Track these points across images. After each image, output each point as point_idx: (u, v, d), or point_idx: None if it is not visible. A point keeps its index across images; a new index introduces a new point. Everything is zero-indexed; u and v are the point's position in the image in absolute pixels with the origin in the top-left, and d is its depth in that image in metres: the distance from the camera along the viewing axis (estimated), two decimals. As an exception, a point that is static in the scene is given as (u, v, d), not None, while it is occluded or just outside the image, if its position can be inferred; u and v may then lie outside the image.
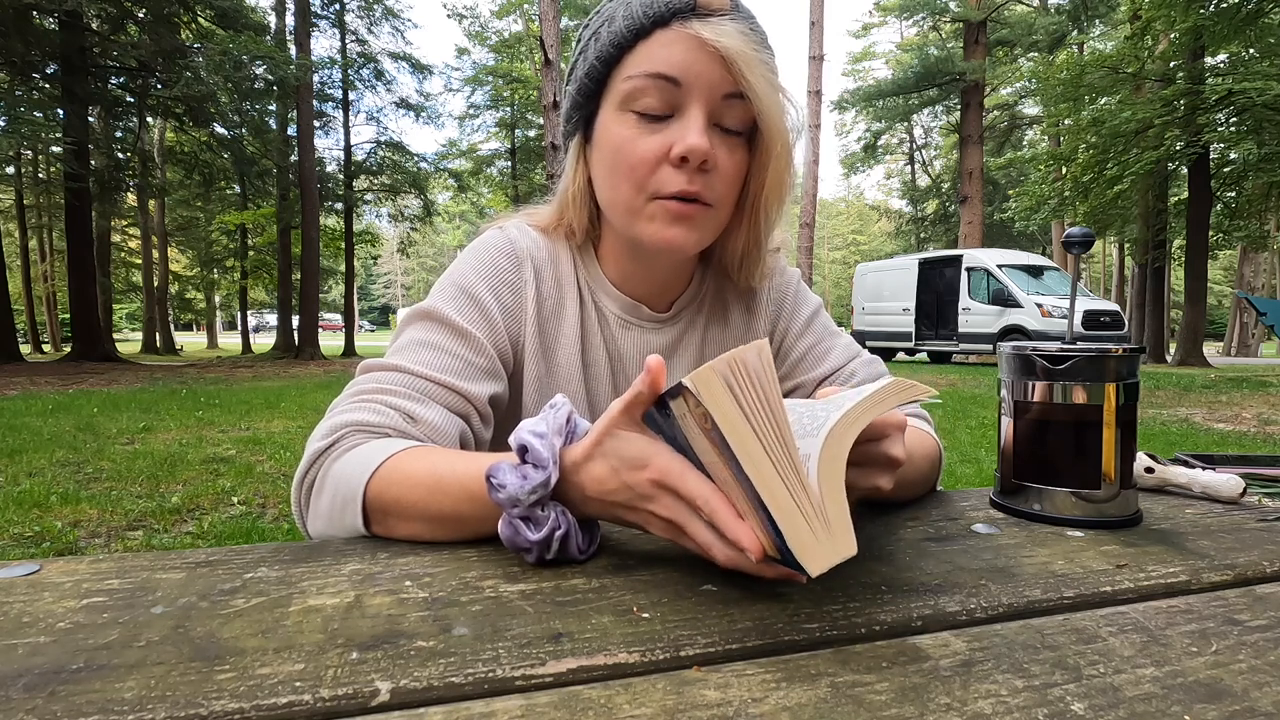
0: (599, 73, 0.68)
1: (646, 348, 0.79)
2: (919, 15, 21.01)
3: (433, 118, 27.86)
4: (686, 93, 0.64)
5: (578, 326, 0.76)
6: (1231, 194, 14.02)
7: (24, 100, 10.65)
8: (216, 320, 33.88)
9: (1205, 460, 0.82)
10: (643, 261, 0.76)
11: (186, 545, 2.48)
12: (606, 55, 0.66)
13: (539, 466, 0.46)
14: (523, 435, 0.47)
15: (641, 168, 0.66)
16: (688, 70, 0.63)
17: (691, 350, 0.81)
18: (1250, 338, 28.00)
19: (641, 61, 0.65)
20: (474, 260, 0.73)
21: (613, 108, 0.67)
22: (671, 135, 0.65)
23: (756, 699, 0.31)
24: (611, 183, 0.69)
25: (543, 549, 0.46)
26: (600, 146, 0.69)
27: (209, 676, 0.33)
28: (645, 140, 0.65)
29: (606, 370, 0.78)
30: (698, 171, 0.65)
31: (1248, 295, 3.63)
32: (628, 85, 0.65)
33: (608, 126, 0.68)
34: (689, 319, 0.81)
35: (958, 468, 3.61)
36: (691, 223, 0.67)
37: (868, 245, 47.79)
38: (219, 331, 36.54)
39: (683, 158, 0.64)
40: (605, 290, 0.78)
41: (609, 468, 0.45)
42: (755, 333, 0.83)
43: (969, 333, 13.16)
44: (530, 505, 0.46)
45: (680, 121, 0.65)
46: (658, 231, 0.67)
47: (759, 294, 0.84)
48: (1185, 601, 0.44)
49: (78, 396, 6.93)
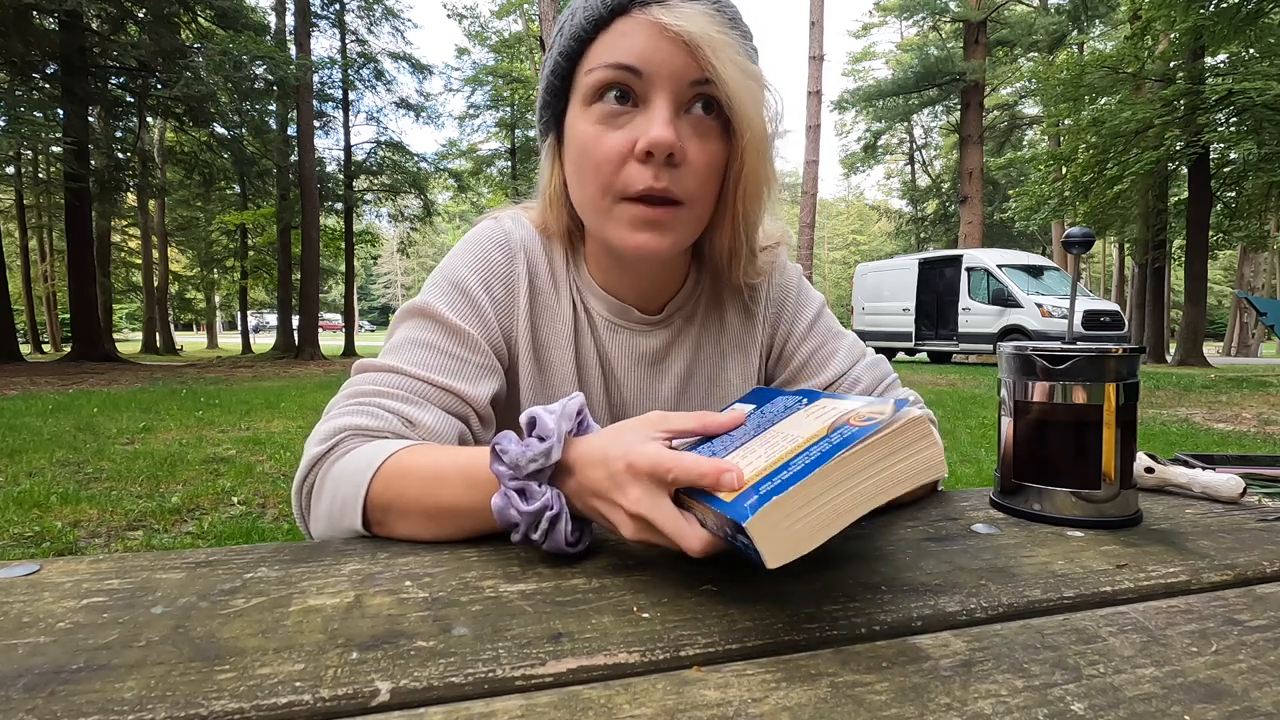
0: (563, 68, 0.65)
1: (635, 352, 0.76)
2: (919, 15, 21.01)
3: (433, 118, 27.87)
4: (649, 83, 0.61)
5: (571, 326, 0.74)
6: (1231, 194, 14.02)
7: (24, 100, 10.65)
8: (216, 320, 33.88)
9: (1205, 460, 0.82)
10: (625, 265, 0.73)
11: (186, 545, 2.48)
12: (568, 49, 0.64)
13: (543, 438, 0.46)
14: (533, 410, 0.48)
15: (606, 166, 0.62)
16: (649, 59, 0.60)
17: (685, 355, 0.78)
18: (1250, 338, 28.00)
19: (602, 53, 0.62)
20: (466, 253, 0.71)
21: (578, 104, 0.65)
22: (636, 129, 0.61)
23: (756, 699, 0.31)
24: (579, 182, 0.66)
25: (530, 525, 0.46)
26: (568, 146, 0.67)
27: (209, 676, 0.33)
28: (609, 137, 0.62)
29: (599, 375, 0.76)
30: (665, 166, 0.61)
31: (1248, 295, 3.63)
32: (589, 79, 0.62)
33: (574, 124, 0.65)
34: (682, 321, 0.78)
35: (958, 468, 3.60)
36: (661, 227, 0.63)
37: (868, 245, 47.78)
38: (219, 331, 36.55)
39: (648, 152, 0.60)
40: (592, 292, 0.75)
41: (601, 451, 0.46)
42: (753, 336, 0.80)
43: (969, 333, 13.15)
44: (527, 477, 0.46)
45: (644, 114, 0.61)
46: (625, 237, 0.64)
47: (758, 293, 0.81)
48: (1185, 601, 0.44)
49: (78, 396, 6.92)
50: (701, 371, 0.79)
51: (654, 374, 0.77)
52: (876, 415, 0.40)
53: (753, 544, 0.35)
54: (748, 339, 0.81)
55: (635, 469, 0.43)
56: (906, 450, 0.39)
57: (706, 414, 0.50)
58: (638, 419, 0.49)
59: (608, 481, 0.45)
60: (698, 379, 0.79)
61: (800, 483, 0.36)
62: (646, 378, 0.77)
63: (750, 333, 0.81)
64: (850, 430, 0.39)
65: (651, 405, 0.77)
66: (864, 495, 0.38)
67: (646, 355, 0.77)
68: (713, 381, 0.80)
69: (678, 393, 0.78)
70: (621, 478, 0.43)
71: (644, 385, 0.77)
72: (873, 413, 0.40)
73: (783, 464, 0.39)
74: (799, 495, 0.36)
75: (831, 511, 0.37)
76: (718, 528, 0.40)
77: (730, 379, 0.80)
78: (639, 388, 0.77)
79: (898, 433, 0.38)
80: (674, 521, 0.42)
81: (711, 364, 0.80)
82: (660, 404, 0.78)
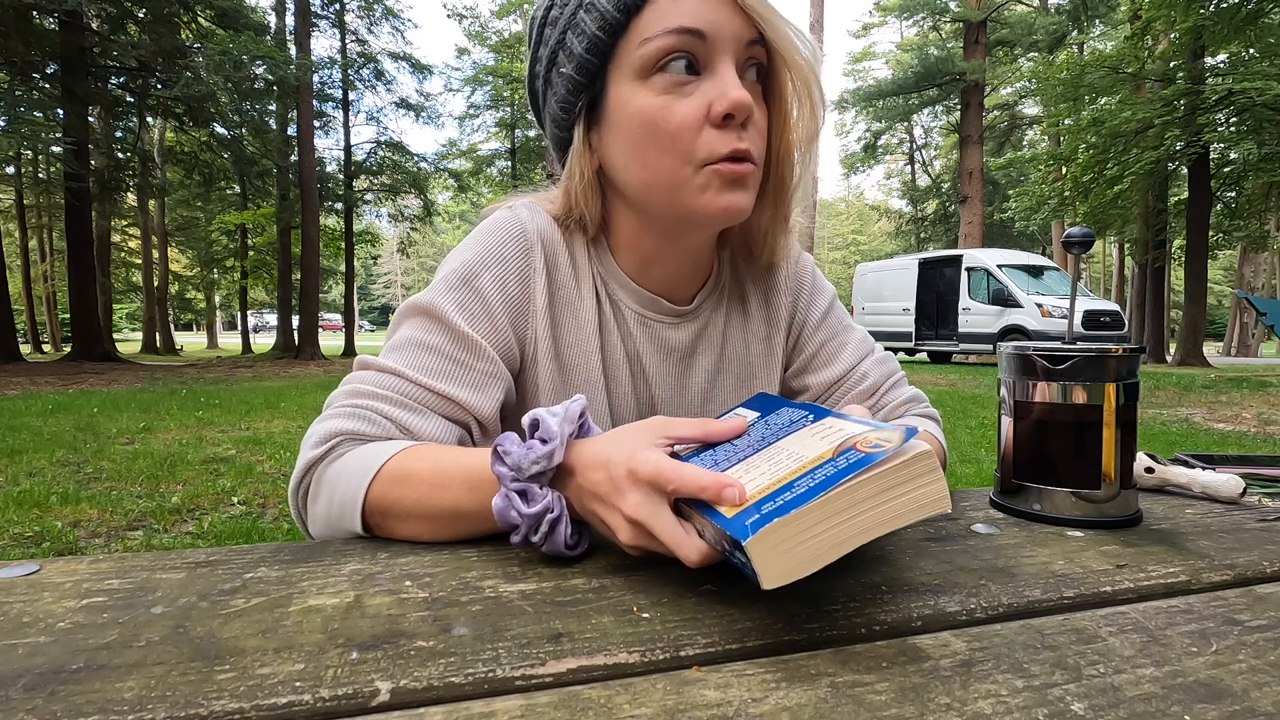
0: (604, 44, 0.62)
1: (666, 346, 0.73)
2: (919, 15, 21.02)
3: (433, 118, 27.86)
4: (713, 46, 0.59)
5: (595, 323, 0.70)
6: (1231, 194, 14.02)
7: (24, 100, 10.65)
8: (216, 320, 33.89)
9: (1205, 460, 0.82)
10: (674, 244, 0.69)
11: (186, 545, 2.48)
12: (613, 22, 0.60)
13: (546, 441, 0.46)
14: (536, 412, 0.48)
15: (684, 135, 0.60)
16: (711, 20, 0.59)
17: (714, 346, 0.76)
18: (1250, 338, 28.00)
19: (657, 20, 0.59)
20: (479, 246, 0.67)
21: (629, 79, 0.61)
22: (708, 93, 0.59)
23: (756, 699, 0.31)
24: (644, 160, 0.62)
25: (531, 528, 0.46)
26: (620, 126, 0.63)
27: (209, 676, 0.33)
28: (680, 105, 0.60)
29: (626, 373, 0.72)
30: (742, 128, 0.60)
31: (1248, 295, 3.63)
32: (646, 49, 0.60)
33: (627, 101, 0.62)
34: (710, 311, 0.76)
35: (958, 468, 3.61)
36: (745, 184, 0.62)
37: (868, 245, 47.80)
38: (219, 331, 36.56)
39: (727, 115, 0.59)
40: (621, 284, 0.71)
41: (603, 455, 0.46)
42: (775, 322, 0.79)
43: (969, 333, 13.15)
44: (529, 479, 0.46)
45: (712, 78, 0.60)
46: (714, 200, 0.61)
47: (776, 278, 0.79)
48: (1185, 601, 0.44)
49: (78, 396, 6.92)
50: (730, 364, 0.78)
51: (683, 368, 0.75)
52: (884, 443, 0.39)
53: (750, 563, 0.35)
54: (771, 329, 0.79)
55: (636, 476, 0.43)
56: (912, 484, 0.38)
57: (709, 421, 0.49)
58: (641, 423, 0.49)
59: (608, 485, 0.44)
60: (726, 372, 0.78)
61: (802, 507, 0.36)
62: (676, 372, 0.75)
63: (773, 322, 0.79)
64: (856, 456, 0.39)
65: (682, 401, 0.76)
66: (865, 526, 0.38)
67: (677, 349, 0.74)
68: (740, 374, 0.78)
69: (708, 387, 0.76)
70: (622, 483, 0.43)
71: (674, 381, 0.75)
72: (880, 439, 0.40)
73: (786, 484, 0.39)
74: (800, 520, 0.36)
75: (832, 539, 0.37)
76: (715, 541, 0.40)
77: (756, 370, 0.79)
78: (669, 383, 0.75)
79: (904, 465, 0.38)
80: (672, 530, 0.42)
81: (739, 356, 0.78)
82: (690, 400, 0.76)
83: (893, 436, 0.39)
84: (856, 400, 0.79)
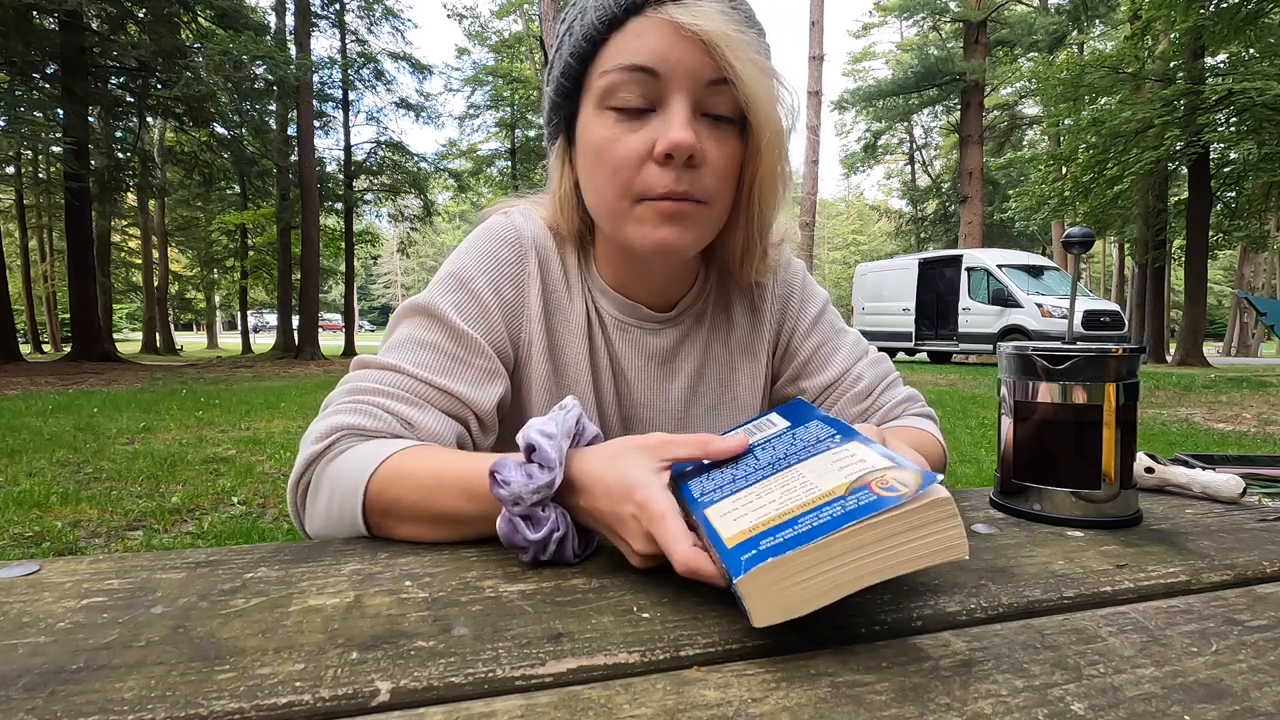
0: (574, 70, 0.64)
1: (645, 351, 0.75)
2: (919, 15, 21.03)
3: (433, 118, 27.88)
4: (666, 84, 0.60)
5: (584, 325, 0.73)
6: (1231, 194, 14.02)
7: (24, 100, 10.65)
8: (216, 320, 33.90)
9: (1205, 460, 0.82)
10: (638, 266, 0.72)
11: (186, 545, 2.48)
12: (580, 50, 0.63)
13: (545, 467, 0.46)
14: (531, 434, 0.47)
15: (624, 169, 0.61)
16: (665, 59, 0.59)
17: (695, 354, 0.78)
18: (1250, 338, 28.00)
19: (616, 54, 0.60)
20: (475, 250, 0.69)
21: (591, 106, 0.63)
22: (654, 131, 0.60)
23: (756, 699, 0.31)
24: (594, 186, 0.65)
25: (539, 550, 0.46)
26: (582, 149, 0.65)
27: (209, 676, 0.33)
28: (626, 140, 0.61)
29: (610, 374, 0.74)
30: (685, 168, 0.60)
31: (1248, 295, 3.63)
32: (604, 81, 0.61)
33: (587, 127, 0.64)
34: (692, 320, 0.78)
35: (958, 468, 3.60)
36: (684, 221, 0.62)
37: (868, 245, 47.78)
38: (219, 331, 36.55)
39: (667, 154, 0.59)
40: (601, 291, 0.74)
41: (605, 487, 0.45)
42: (760, 334, 0.80)
43: (969, 333, 13.15)
44: (532, 505, 0.46)
45: (662, 116, 0.60)
46: (648, 234, 0.63)
47: (764, 290, 0.80)
48: (1185, 601, 0.44)
49: (78, 396, 6.92)
50: (711, 371, 0.79)
51: (664, 374, 0.77)
52: (900, 486, 0.37)
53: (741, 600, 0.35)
54: (755, 338, 0.80)
55: (640, 519, 0.43)
56: (926, 529, 0.36)
57: (709, 438, 0.48)
58: (640, 444, 0.47)
59: (613, 519, 0.45)
60: (708, 379, 0.79)
61: (801, 548, 0.35)
62: (657, 377, 0.76)
63: (758, 331, 0.80)
64: (868, 498, 0.36)
65: (663, 406, 0.77)
66: (869, 569, 0.36)
67: (657, 354, 0.76)
68: (722, 381, 0.79)
69: (688, 393, 0.78)
70: (630, 525, 0.44)
71: (654, 385, 0.76)
72: (897, 480, 0.37)
73: (791, 518, 0.37)
74: (798, 560, 0.35)
75: (831, 581, 0.35)
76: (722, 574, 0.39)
77: (739, 378, 0.80)
78: (649, 388, 0.76)
79: (917, 511, 0.36)
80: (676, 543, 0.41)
81: (721, 363, 0.79)
82: (671, 405, 0.77)
83: (910, 479, 0.37)
84: (852, 402, 0.79)
